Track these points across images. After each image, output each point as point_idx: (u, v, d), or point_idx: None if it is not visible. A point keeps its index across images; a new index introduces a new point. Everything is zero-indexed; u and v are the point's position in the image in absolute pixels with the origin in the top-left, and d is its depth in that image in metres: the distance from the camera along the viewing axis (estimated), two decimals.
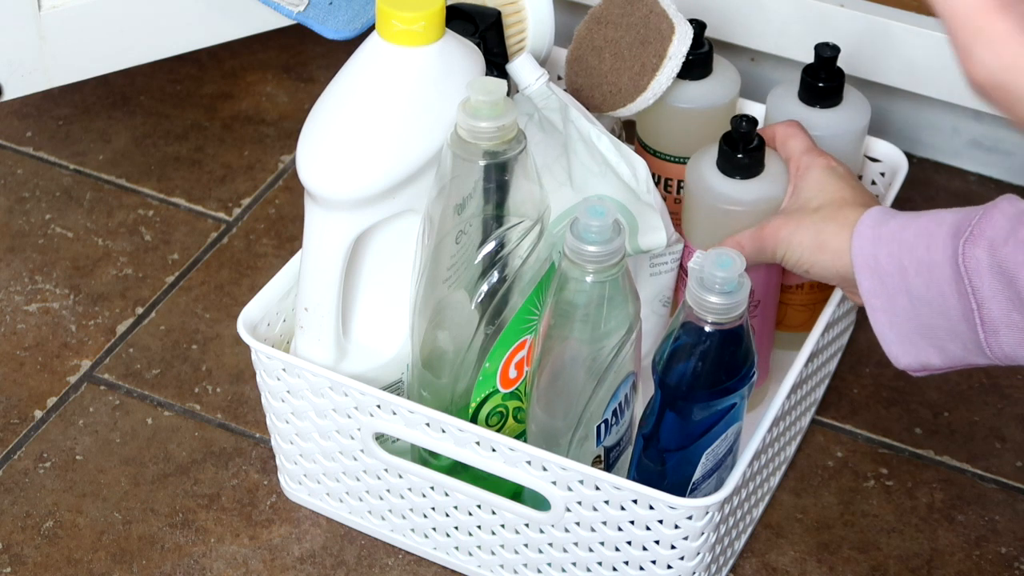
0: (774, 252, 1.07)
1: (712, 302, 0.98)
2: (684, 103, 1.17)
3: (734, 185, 1.10)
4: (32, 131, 1.47)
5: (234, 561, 1.13)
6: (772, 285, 1.16)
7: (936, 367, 1.01)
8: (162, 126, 1.48)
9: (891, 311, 1.00)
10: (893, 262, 1.00)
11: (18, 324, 1.30)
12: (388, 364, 1.11)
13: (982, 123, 1.43)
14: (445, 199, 1.02)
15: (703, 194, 1.11)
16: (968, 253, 0.95)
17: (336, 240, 1.05)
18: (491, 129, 0.99)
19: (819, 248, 1.04)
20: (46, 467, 1.19)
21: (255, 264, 1.35)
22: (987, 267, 0.95)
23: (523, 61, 1.09)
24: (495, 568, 1.11)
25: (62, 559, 1.14)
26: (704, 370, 1.00)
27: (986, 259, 0.95)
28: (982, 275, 0.95)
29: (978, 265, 0.95)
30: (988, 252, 0.95)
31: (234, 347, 1.28)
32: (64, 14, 1.29)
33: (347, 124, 1.03)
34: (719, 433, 1.03)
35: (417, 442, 1.07)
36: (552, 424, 1.05)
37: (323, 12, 1.27)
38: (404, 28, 1.01)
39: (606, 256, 0.98)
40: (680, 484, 1.05)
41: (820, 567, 1.14)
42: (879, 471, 1.21)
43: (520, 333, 1.06)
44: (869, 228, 1.01)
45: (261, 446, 1.21)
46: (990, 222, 0.95)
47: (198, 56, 1.54)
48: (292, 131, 1.47)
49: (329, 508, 1.16)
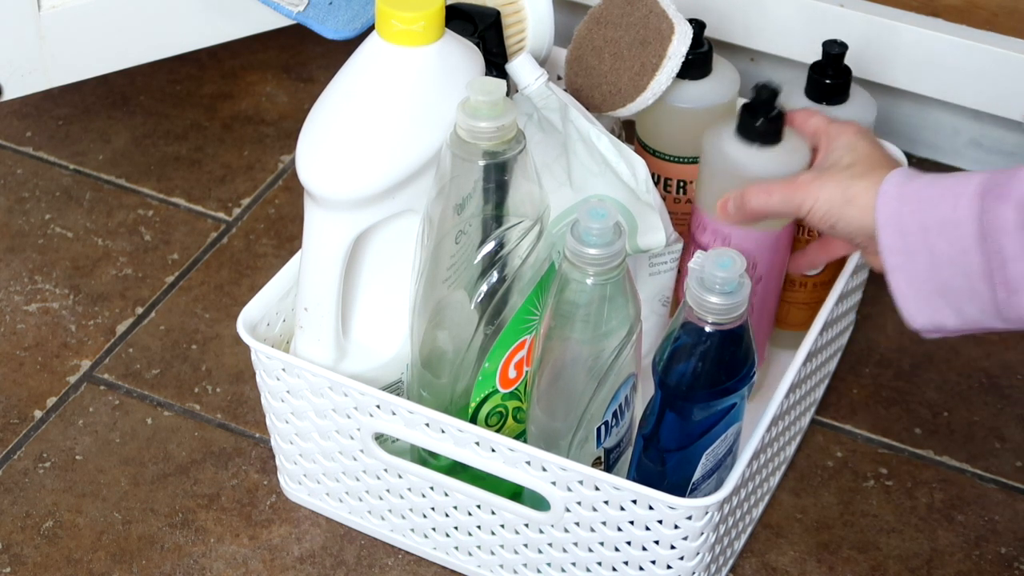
0: (801, 204, 1.06)
1: (712, 302, 0.98)
2: (684, 103, 1.17)
3: (752, 152, 1.10)
4: (32, 131, 1.47)
5: (234, 561, 1.13)
6: (777, 263, 1.15)
7: (950, 329, 1.01)
8: (162, 126, 1.48)
9: (910, 269, 1.00)
10: (916, 220, 0.99)
11: (18, 324, 1.30)
12: (388, 364, 1.11)
13: (982, 123, 1.43)
14: (445, 199, 1.02)
15: (721, 161, 1.10)
16: (995, 211, 0.95)
17: (336, 240, 1.05)
18: (490, 129, 0.99)
19: (847, 203, 1.04)
20: (46, 467, 1.19)
21: (255, 264, 1.35)
22: (1014, 225, 0.94)
23: (523, 61, 1.09)
24: (495, 568, 1.11)
25: (62, 559, 1.14)
26: (704, 370, 1.00)
27: (1013, 218, 0.95)
28: (1008, 233, 0.95)
29: (1005, 223, 0.95)
30: (1016, 211, 0.94)
31: (234, 347, 1.28)
32: (64, 14, 1.29)
33: (347, 124, 1.03)
34: (719, 433, 1.03)
35: (417, 442, 1.07)
36: (552, 426, 1.05)
37: (323, 12, 1.27)
38: (404, 28, 1.01)
39: (607, 259, 0.98)
40: (680, 484, 1.05)
41: (820, 567, 1.14)
42: (879, 471, 1.21)
43: (520, 333, 1.06)
44: (894, 186, 1.01)
45: (261, 446, 1.21)
46: (1020, 182, 0.95)
47: (198, 56, 1.54)
48: (292, 131, 1.47)
49: (329, 508, 1.16)
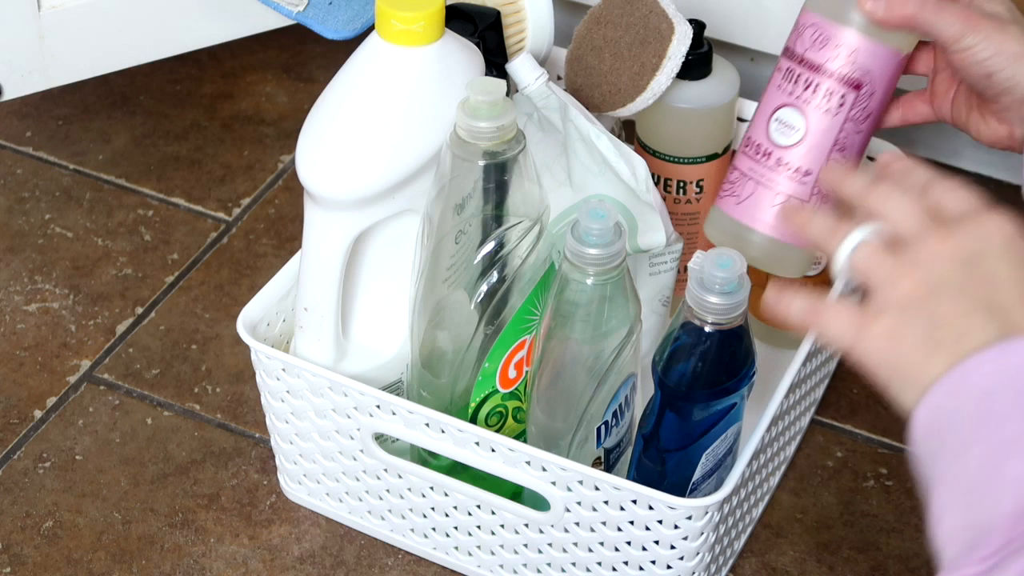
0: (950, 32, 0.95)
1: (712, 302, 0.98)
2: (684, 103, 1.17)
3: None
4: (32, 131, 1.47)
5: (234, 561, 1.13)
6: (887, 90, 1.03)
7: None
8: (162, 126, 1.48)
9: None
10: None
11: (18, 324, 1.30)
12: (388, 364, 1.11)
13: None
14: (444, 199, 1.02)
15: None
16: None
17: (336, 240, 1.06)
18: (490, 129, 0.99)
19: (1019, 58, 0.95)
20: (46, 467, 1.19)
21: (255, 264, 1.35)
22: None
23: (522, 61, 1.09)
24: (495, 568, 1.11)
25: (62, 559, 1.14)
26: (704, 370, 1.00)
27: None
28: None
29: None
30: None
31: (234, 347, 1.28)
32: (64, 14, 1.29)
33: (347, 124, 1.03)
34: (719, 433, 1.03)
35: (417, 442, 1.07)
36: (552, 426, 1.05)
37: (323, 12, 1.27)
38: (403, 28, 1.01)
39: (607, 259, 0.98)
40: (680, 484, 1.05)
41: (820, 567, 1.14)
42: (879, 471, 1.21)
43: (519, 333, 1.06)
44: None
45: (261, 446, 1.21)
46: None
47: (198, 56, 1.54)
48: (292, 131, 1.47)
49: (329, 508, 1.16)
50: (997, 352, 0.72)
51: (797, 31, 1.02)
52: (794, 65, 1.02)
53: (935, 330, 0.75)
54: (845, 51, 0.99)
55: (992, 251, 0.77)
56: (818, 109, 1.00)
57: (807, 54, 1.01)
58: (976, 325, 0.74)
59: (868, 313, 0.79)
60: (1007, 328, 0.73)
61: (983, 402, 0.71)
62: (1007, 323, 0.73)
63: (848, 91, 1.00)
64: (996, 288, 0.75)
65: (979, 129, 1.02)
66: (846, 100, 1.00)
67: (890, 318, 0.78)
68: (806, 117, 1.01)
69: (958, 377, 0.72)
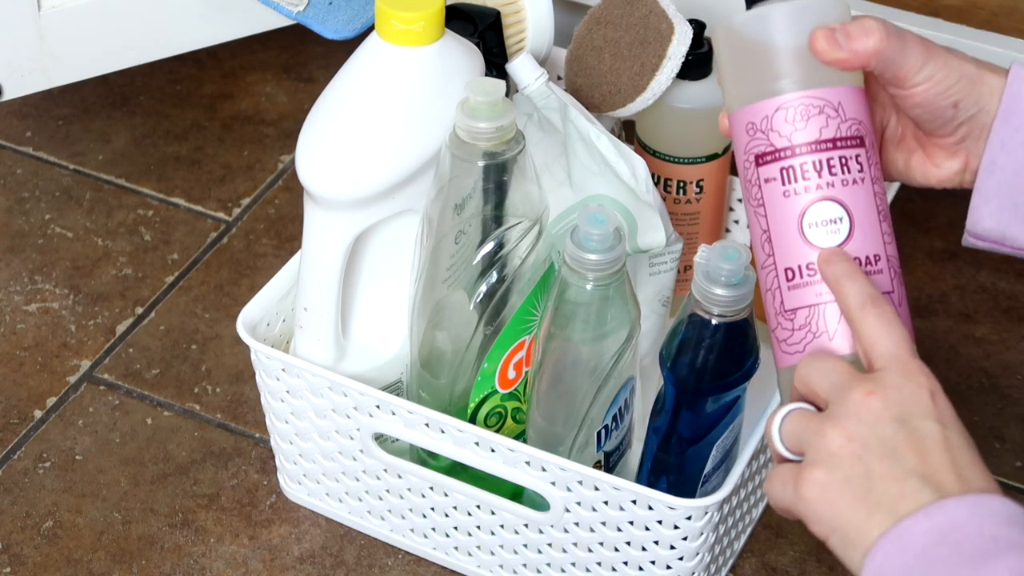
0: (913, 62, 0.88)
1: (718, 294, 0.98)
2: (684, 103, 1.17)
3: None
4: (32, 131, 1.47)
5: (234, 561, 1.13)
6: None
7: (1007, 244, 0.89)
8: (162, 126, 1.48)
9: None
10: None
11: (18, 324, 1.30)
12: (387, 364, 1.11)
13: None
14: (444, 199, 1.02)
15: None
16: None
17: (335, 240, 1.06)
18: (490, 129, 0.99)
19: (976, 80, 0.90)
20: (46, 467, 1.19)
21: (255, 264, 1.36)
22: None
23: (522, 61, 1.09)
24: (494, 568, 1.11)
25: (62, 559, 1.14)
26: (715, 362, 1.01)
27: None
28: None
29: None
30: None
31: (234, 347, 1.28)
32: (64, 14, 1.29)
33: (346, 124, 1.03)
34: (727, 424, 1.04)
35: (416, 442, 1.07)
36: (552, 430, 1.05)
37: (323, 12, 1.27)
38: (403, 28, 1.01)
39: (607, 264, 0.98)
40: (694, 476, 1.06)
41: (820, 567, 1.14)
42: None
43: (519, 333, 1.06)
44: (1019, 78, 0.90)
45: (261, 446, 1.21)
46: None
47: (198, 56, 1.54)
48: (292, 131, 1.47)
49: (328, 508, 1.16)
50: (934, 509, 0.77)
51: (754, 131, 0.87)
52: (784, 162, 0.87)
53: (870, 492, 0.79)
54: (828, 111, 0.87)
55: (918, 411, 0.80)
56: (848, 185, 0.87)
57: (794, 137, 0.86)
58: (910, 490, 0.78)
59: (803, 469, 0.82)
60: (940, 492, 0.78)
61: (923, 557, 0.76)
62: (939, 487, 0.78)
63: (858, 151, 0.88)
64: (926, 452, 0.79)
65: (925, 172, 0.95)
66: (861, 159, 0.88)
67: (822, 470, 0.81)
68: (842, 201, 0.87)
69: (897, 536, 0.77)
